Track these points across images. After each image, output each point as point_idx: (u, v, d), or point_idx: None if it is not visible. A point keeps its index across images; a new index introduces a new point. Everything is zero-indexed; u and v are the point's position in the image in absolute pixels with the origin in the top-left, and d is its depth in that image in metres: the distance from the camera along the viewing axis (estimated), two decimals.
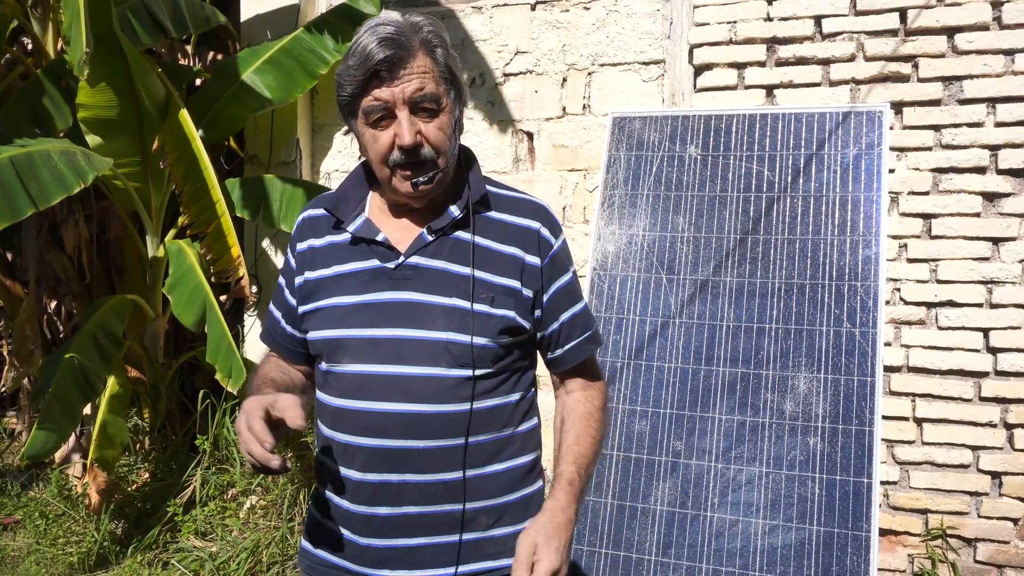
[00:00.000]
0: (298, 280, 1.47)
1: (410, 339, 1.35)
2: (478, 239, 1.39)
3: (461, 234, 1.40)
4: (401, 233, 1.41)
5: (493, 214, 1.43)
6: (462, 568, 1.39)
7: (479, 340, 1.35)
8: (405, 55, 1.30)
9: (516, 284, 1.39)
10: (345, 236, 1.42)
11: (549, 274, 1.43)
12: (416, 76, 1.31)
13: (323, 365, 1.43)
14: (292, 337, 1.51)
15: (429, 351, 1.34)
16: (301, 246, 1.48)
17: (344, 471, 1.39)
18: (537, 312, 1.43)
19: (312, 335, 1.43)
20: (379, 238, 1.39)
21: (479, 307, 1.35)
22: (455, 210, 1.40)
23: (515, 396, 1.43)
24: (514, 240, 1.41)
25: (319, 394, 1.45)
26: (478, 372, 1.36)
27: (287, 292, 1.51)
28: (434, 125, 1.33)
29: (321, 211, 1.48)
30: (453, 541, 1.39)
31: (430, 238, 1.39)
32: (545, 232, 1.44)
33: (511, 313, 1.38)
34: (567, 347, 1.47)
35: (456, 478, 1.37)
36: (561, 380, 1.53)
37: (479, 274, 1.38)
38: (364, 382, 1.36)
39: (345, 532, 1.41)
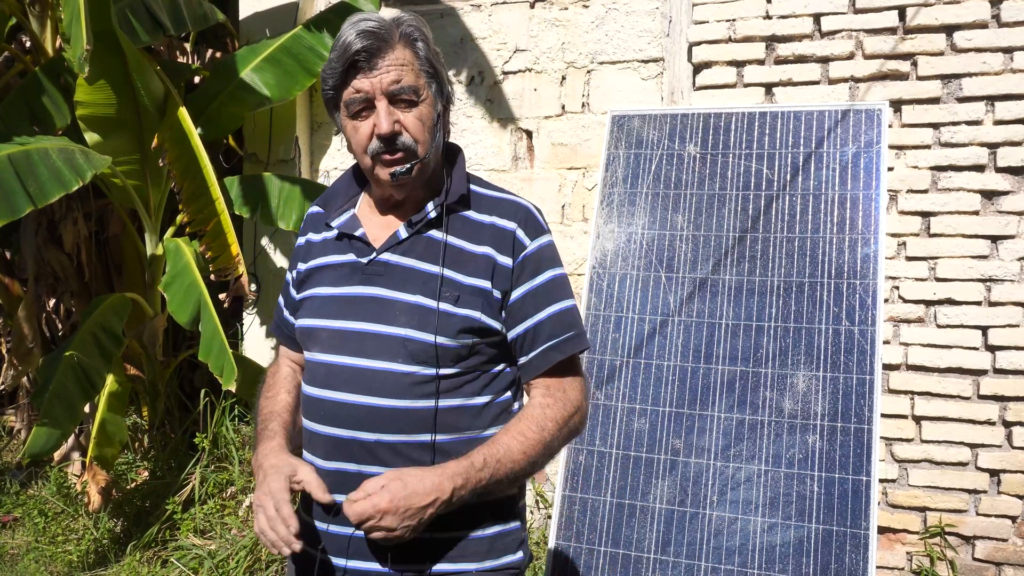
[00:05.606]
0: (295, 271, 1.55)
1: (373, 333, 1.38)
2: (451, 239, 1.40)
3: (435, 233, 1.41)
4: (382, 230, 1.44)
5: (471, 214, 1.43)
6: (402, 566, 1.37)
7: (440, 339, 1.34)
8: (383, 46, 1.33)
9: (486, 284, 1.38)
10: (333, 232, 1.48)
11: (518, 275, 1.40)
12: (395, 67, 1.34)
13: (304, 354, 1.49)
14: (292, 326, 1.57)
15: (387, 346, 1.36)
16: (301, 240, 1.56)
17: (310, 457, 1.44)
18: (503, 313, 1.40)
19: (295, 323, 1.51)
20: (358, 233, 1.44)
21: (442, 306, 1.36)
22: (431, 208, 1.42)
23: (481, 399, 1.40)
24: (488, 240, 1.40)
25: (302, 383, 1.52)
26: (439, 371, 1.36)
27: (291, 285, 1.59)
28: (413, 115, 1.36)
29: (318, 208, 1.56)
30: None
31: (404, 235, 1.41)
32: (520, 233, 1.41)
33: (476, 313, 1.37)
34: (532, 353, 1.41)
35: None
36: (528, 389, 1.46)
37: (448, 273, 1.38)
38: (329, 372, 1.40)
39: (310, 519, 1.45)
